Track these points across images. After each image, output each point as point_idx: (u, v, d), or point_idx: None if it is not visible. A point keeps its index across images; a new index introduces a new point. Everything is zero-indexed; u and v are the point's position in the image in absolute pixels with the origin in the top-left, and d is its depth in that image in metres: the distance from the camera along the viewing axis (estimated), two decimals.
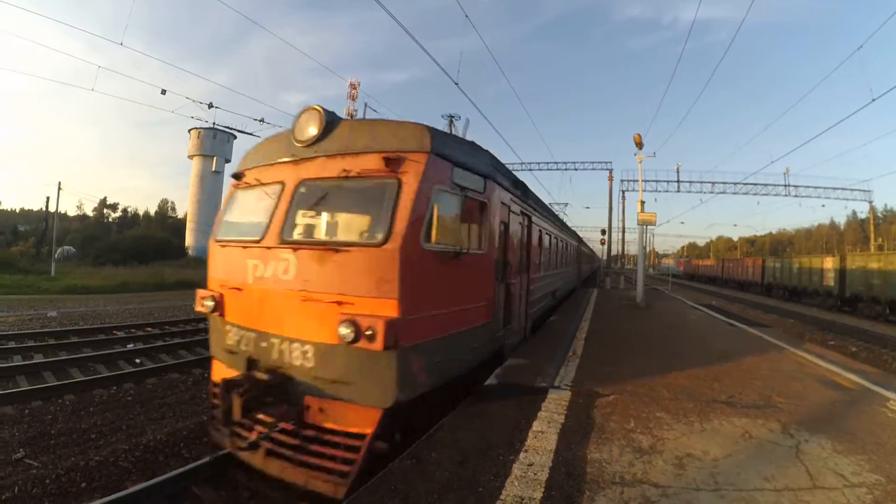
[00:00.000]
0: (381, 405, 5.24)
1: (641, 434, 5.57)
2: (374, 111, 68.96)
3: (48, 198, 65.72)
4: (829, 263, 41.51)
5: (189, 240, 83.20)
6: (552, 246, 16.51)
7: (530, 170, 49.52)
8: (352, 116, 47.03)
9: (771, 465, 4.81)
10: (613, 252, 54.79)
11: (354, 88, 66.09)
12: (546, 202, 18.24)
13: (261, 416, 5.64)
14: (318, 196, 6.04)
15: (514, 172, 10.22)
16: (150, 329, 18.98)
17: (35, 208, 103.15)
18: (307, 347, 5.49)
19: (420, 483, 4.33)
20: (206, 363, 12.73)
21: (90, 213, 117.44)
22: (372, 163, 5.73)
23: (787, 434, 5.67)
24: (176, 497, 6.31)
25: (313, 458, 5.38)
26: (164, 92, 25.57)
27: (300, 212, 6.16)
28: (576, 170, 51.82)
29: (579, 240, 36.16)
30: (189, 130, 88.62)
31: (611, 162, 53.46)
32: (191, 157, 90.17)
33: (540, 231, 12.96)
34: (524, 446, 5.15)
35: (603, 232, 51.30)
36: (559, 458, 4.86)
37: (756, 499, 4.12)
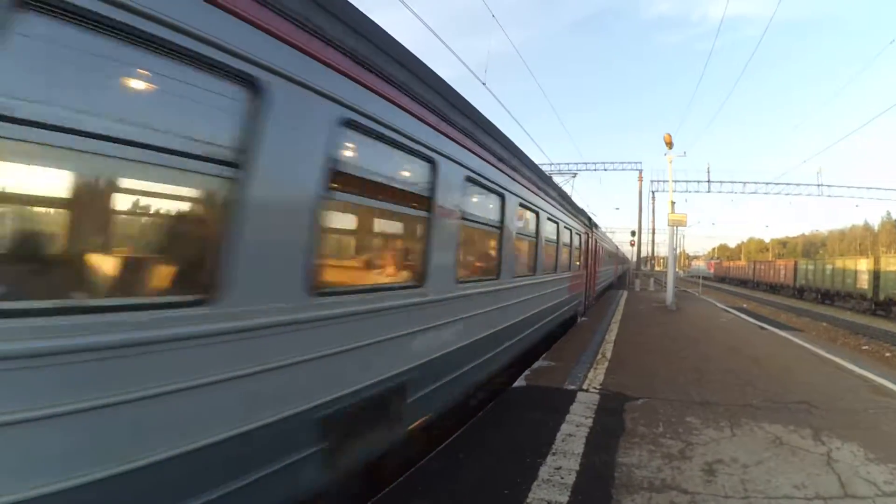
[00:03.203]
0: None
1: (671, 439, 5.57)
2: None
3: None
4: (863, 265, 40.38)
5: None
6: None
7: (560, 172, 49.06)
8: None
9: (802, 472, 4.78)
10: (643, 254, 54.13)
11: None
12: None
13: None
14: None
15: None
16: None
17: None
18: None
19: (447, 484, 4.42)
20: None
21: None
22: None
23: (819, 441, 5.61)
24: None
25: None
26: None
27: None
28: (605, 170, 51.20)
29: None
30: None
31: (640, 162, 52.98)
32: None
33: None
34: (552, 449, 5.20)
35: (633, 233, 50.75)
36: (587, 462, 4.90)
37: None
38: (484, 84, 16.01)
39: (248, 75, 2.84)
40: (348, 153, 3.75)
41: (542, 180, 10.04)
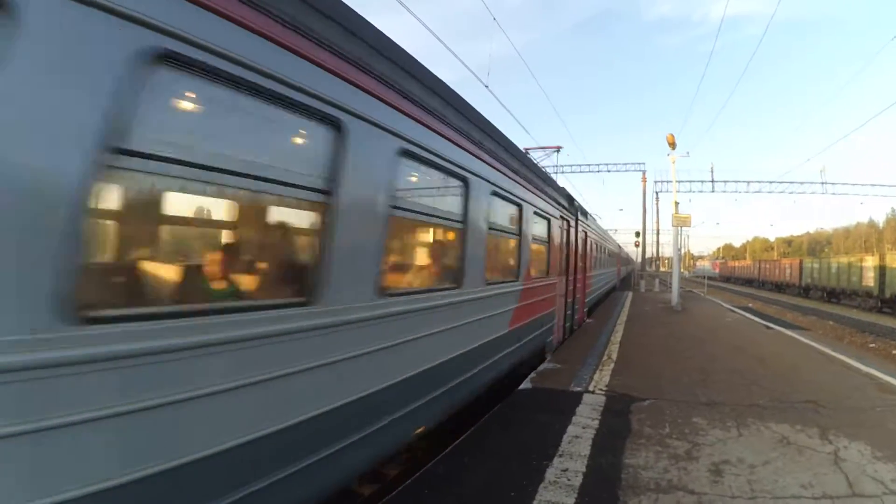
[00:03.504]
0: None
1: (677, 440, 5.57)
2: None
3: None
4: (869, 263, 40.25)
5: None
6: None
7: (563, 172, 48.95)
8: None
9: (809, 471, 4.77)
10: (648, 254, 54.01)
11: None
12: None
13: None
14: None
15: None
16: None
17: None
18: None
19: (453, 487, 4.44)
20: None
21: None
22: None
23: (826, 440, 5.60)
24: None
25: None
26: None
27: None
28: (608, 171, 51.17)
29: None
30: None
31: (643, 163, 52.90)
32: None
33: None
34: (558, 451, 5.21)
35: (637, 234, 50.67)
36: (593, 464, 4.90)
37: None
38: (486, 86, 16.06)
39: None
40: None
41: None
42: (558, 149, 31.40)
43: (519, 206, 7.75)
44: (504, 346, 7.21)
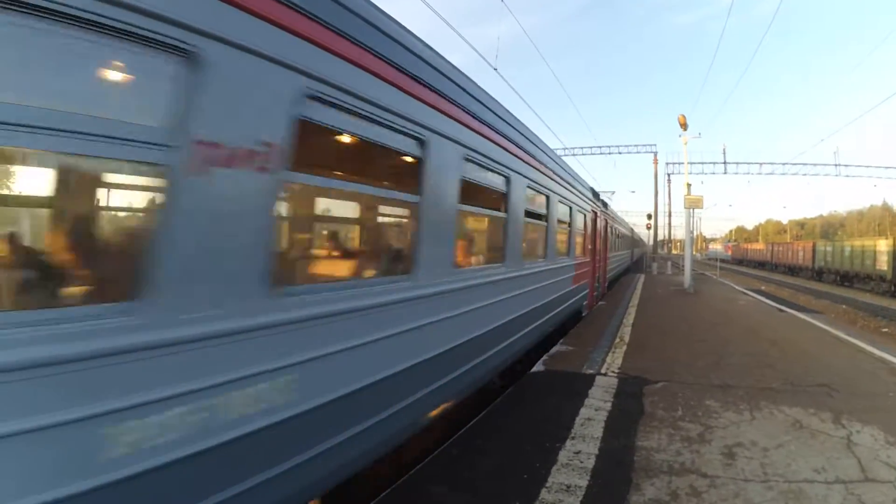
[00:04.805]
0: None
1: (690, 422, 5.59)
2: None
3: None
4: (882, 246, 39.73)
5: None
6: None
7: (574, 154, 48.61)
8: None
9: (821, 456, 4.79)
10: (660, 237, 53.72)
11: None
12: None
13: None
14: None
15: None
16: None
17: None
18: None
19: (466, 470, 4.49)
20: None
21: None
22: None
23: (839, 424, 5.60)
24: None
25: None
26: None
27: None
28: (619, 153, 50.71)
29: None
30: None
31: (655, 145, 52.21)
32: None
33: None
34: (571, 434, 5.25)
35: (649, 216, 50.33)
36: (606, 446, 4.94)
37: (805, 491, 4.12)
38: (495, 69, 15.92)
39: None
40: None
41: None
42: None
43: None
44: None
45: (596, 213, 15.32)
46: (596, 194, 16.37)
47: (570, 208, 10.77)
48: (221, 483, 2.59)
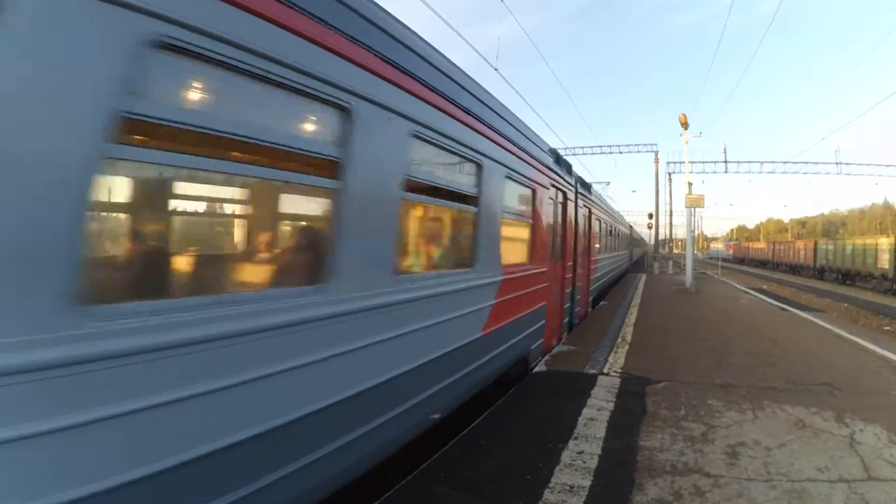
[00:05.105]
0: None
1: (693, 422, 5.60)
2: None
3: None
4: (884, 244, 39.67)
5: None
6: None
7: (575, 154, 48.50)
8: None
9: (825, 455, 4.79)
10: (661, 236, 53.63)
11: None
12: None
13: None
14: None
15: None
16: None
17: None
18: None
19: (469, 470, 4.50)
20: None
21: None
22: None
23: (842, 423, 5.60)
24: None
25: None
26: None
27: None
28: (620, 153, 50.63)
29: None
30: None
31: (656, 144, 52.19)
32: None
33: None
34: (573, 434, 5.25)
35: (650, 216, 50.27)
36: (609, 446, 4.95)
37: (809, 490, 4.12)
38: (496, 70, 15.92)
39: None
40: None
41: None
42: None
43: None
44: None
45: (565, 195, 10.21)
46: (564, 164, 10.54)
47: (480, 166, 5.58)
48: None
